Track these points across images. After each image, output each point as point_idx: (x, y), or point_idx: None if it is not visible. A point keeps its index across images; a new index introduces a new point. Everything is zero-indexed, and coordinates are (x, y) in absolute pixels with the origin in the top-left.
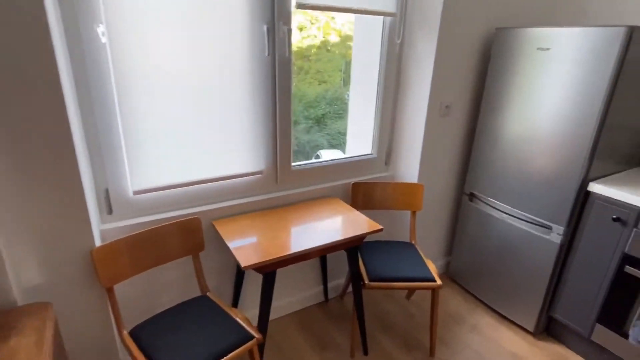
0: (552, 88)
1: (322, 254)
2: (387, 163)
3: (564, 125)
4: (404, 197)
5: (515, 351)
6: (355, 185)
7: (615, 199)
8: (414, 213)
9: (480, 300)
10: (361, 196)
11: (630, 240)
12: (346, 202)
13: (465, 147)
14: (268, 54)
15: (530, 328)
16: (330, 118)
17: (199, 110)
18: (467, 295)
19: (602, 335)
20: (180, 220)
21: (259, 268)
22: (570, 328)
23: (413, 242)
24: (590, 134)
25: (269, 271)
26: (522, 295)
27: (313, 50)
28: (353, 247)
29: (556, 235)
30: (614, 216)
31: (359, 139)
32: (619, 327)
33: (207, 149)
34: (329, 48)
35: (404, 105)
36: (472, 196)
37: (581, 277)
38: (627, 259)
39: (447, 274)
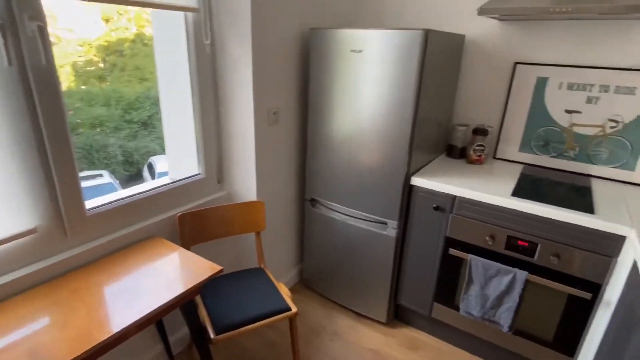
0: (369, 88)
1: (144, 327)
2: (219, 181)
3: (384, 124)
4: (244, 218)
5: (374, 346)
6: (182, 217)
7: (433, 190)
8: (258, 234)
9: (336, 303)
10: (191, 229)
11: (449, 225)
12: (174, 240)
13: (300, 154)
14: (10, 64)
15: (383, 319)
16: (159, 120)
17: None
18: (323, 300)
19: (440, 311)
20: None
21: None
22: (414, 311)
23: (262, 266)
24: (406, 130)
25: None
26: (371, 290)
27: (126, 45)
28: (188, 301)
29: (391, 229)
30: (434, 205)
31: (182, 157)
32: (451, 302)
33: None
34: (145, 42)
35: (229, 115)
36: (313, 202)
37: (416, 264)
38: (449, 242)
39: (302, 281)
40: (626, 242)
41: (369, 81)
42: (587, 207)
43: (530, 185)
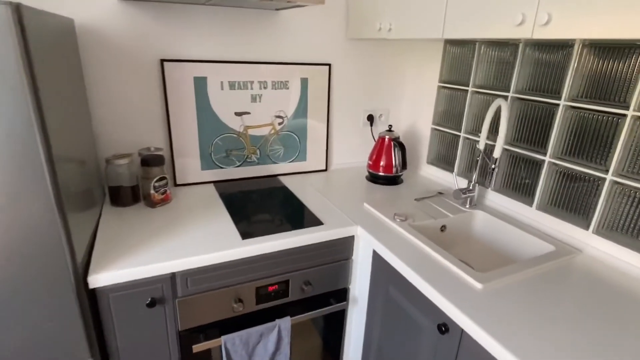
0: None
1: None
2: None
3: None
4: None
5: None
6: None
7: (134, 280)
8: None
9: None
10: None
11: (178, 316)
12: None
13: None
14: None
15: None
16: None
17: None
18: None
19: None
20: None
21: None
22: None
23: None
24: (40, 183)
25: None
26: None
27: None
28: None
29: None
30: (147, 301)
31: None
32: None
33: None
34: None
35: None
36: None
37: None
38: (186, 339)
39: None
40: (355, 239)
41: None
42: (313, 219)
43: (242, 211)
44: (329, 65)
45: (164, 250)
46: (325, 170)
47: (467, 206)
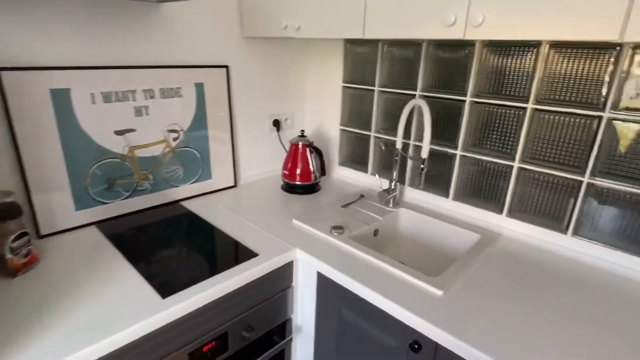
0: None
1: None
2: None
3: None
4: None
5: None
6: None
7: None
8: None
9: None
10: None
11: None
12: None
13: None
14: None
15: None
16: None
17: None
18: None
19: None
20: None
21: None
22: None
23: None
24: None
25: None
26: None
27: None
28: None
29: None
30: None
31: None
32: None
33: None
34: None
35: None
36: None
37: None
38: None
39: None
40: (295, 263)
41: None
42: (244, 251)
43: (149, 256)
44: (226, 67)
45: (46, 347)
46: (235, 186)
47: (391, 206)
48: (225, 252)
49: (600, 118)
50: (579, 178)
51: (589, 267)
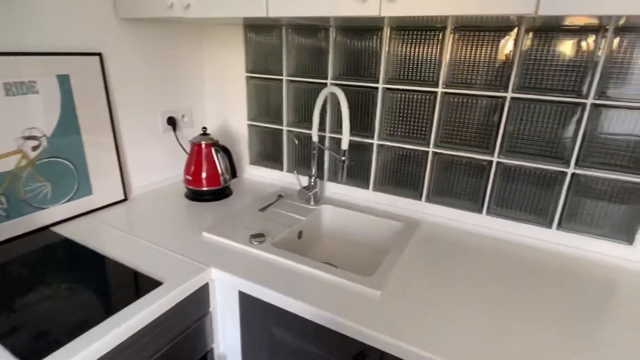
0: None
1: None
2: None
3: None
4: None
5: None
6: None
7: None
8: None
9: None
10: None
11: None
12: None
13: None
14: None
15: None
16: None
17: None
18: None
19: None
20: None
21: None
22: None
23: None
24: None
25: None
26: None
27: None
28: None
29: None
30: None
31: None
32: None
33: None
34: None
35: None
36: None
37: None
38: None
39: None
40: (210, 285)
41: None
42: (144, 280)
43: (7, 309)
44: (99, 54)
45: None
46: (126, 199)
47: (313, 203)
48: (119, 286)
49: (504, 99)
50: (488, 158)
51: (503, 242)
